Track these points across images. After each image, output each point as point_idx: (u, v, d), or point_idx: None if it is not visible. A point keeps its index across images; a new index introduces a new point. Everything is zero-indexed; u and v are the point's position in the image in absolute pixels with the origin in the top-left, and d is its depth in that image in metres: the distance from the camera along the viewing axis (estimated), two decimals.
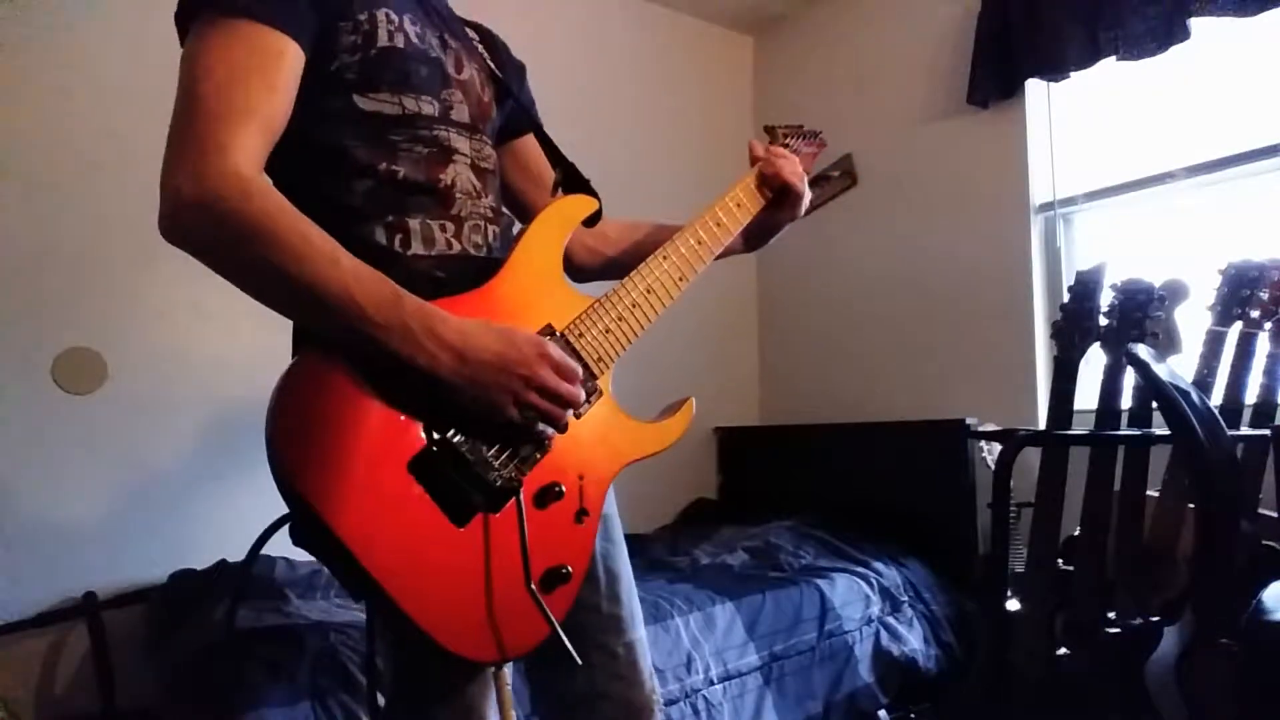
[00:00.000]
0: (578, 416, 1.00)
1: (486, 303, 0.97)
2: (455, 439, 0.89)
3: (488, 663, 0.92)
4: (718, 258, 1.22)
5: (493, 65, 1.18)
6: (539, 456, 0.94)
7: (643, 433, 1.08)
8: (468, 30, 1.20)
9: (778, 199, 1.26)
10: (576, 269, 1.28)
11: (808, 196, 1.28)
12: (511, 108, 1.21)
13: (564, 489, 0.97)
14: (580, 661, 0.95)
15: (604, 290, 1.09)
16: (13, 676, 2.14)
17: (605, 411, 1.04)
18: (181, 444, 2.41)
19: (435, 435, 0.88)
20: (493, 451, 0.91)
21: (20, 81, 2.24)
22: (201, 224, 0.83)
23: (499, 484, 0.90)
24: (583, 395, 0.95)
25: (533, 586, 0.91)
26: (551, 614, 0.93)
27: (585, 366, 1.01)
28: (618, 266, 1.25)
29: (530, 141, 1.25)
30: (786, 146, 1.33)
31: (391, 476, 0.85)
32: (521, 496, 0.92)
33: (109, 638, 2.19)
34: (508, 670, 0.97)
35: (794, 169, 1.25)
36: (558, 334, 1.01)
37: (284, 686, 1.54)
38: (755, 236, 1.29)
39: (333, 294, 0.82)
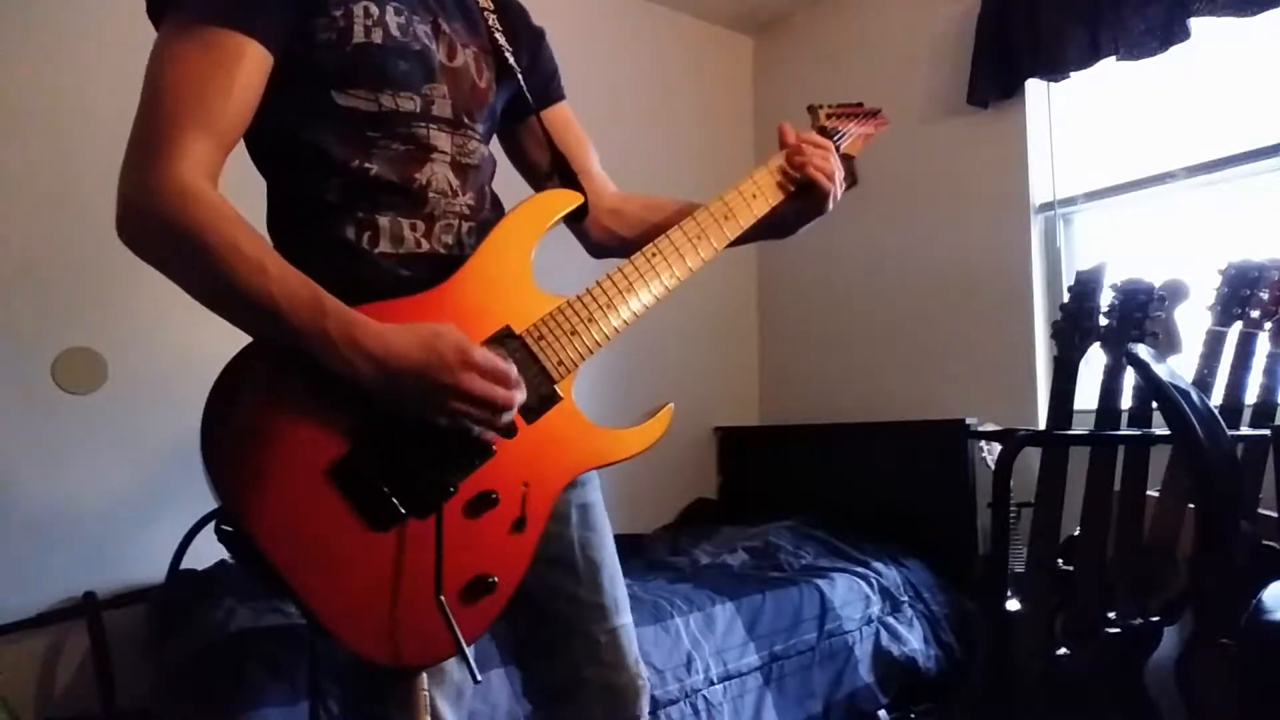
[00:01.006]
0: (529, 422, 0.96)
1: (440, 303, 0.94)
2: (384, 443, 0.87)
3: (394, 667, 0.89)
4: (735, 243, 1.13)
5: (503, 40, 1.12)
6: (479, 463, 0.91)
7: (604, 440, 1.02)
8: None
9: (802, 191, 1.15)
10: (594, 246, 1.23)
11: (838, 192, 1.15)
12: (522, 82, 1.14)
13: (499, 496, 0.92)
14: (479, 679, 0.90)
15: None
16: (13, 676, 2.14)
17: (561, 418, 0.98)
18: (182, 444, 2.38)
19: (362, 439, 0.86)
20: (425, 457, 0.88)
21: (21, 84, 2.24)
22: (142, 230, 0.84)
23: (426, 490, 0.88)
24: (518, 399, 0.89)
25: (441, 598, 0.87)
26: (473, 624, 0.90)
27: (542, 370, 0.97)
28: (635, 250, 1.17)
29: (548, 115, 1.19)
30: (826, 131, 1.20)
31: (307, 476, 0.84)
32: (443, 505, 0.88)
33: (109, 638, 2.18)
34: (425, 676, 0.94)
35: (823, 163, 1.13)
36: (515, 335, 0.97)
37: (284, 686, 1.54)
38: (782, 226, 1.18)
39: (257, 300, 0.83)
